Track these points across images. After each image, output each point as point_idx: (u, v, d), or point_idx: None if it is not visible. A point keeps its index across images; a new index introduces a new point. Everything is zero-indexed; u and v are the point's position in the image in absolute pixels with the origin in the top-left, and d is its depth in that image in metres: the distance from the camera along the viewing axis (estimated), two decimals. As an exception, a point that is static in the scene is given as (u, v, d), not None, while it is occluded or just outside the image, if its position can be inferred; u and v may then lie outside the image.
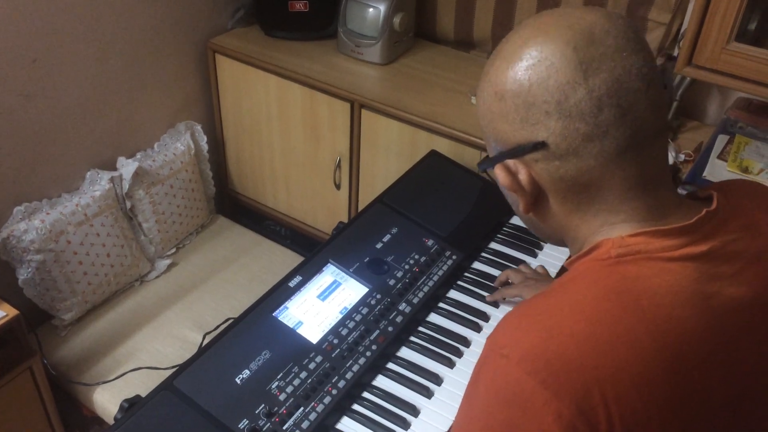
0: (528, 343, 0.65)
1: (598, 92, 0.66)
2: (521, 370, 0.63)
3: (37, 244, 1.63)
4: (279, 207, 2.23)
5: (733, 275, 0.69)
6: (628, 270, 0.68)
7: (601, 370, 0.62)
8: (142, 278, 1.92)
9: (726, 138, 1.58)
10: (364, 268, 1.38)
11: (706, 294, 0.67)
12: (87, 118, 1.82)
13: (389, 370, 1.25)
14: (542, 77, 0.67)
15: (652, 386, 0.63)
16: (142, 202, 1.88)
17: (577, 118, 0.67)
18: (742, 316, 0.69)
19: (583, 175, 0.69)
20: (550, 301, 0.69)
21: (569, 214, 0.74)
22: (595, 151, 0.68)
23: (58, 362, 1.67)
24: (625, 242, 0.69)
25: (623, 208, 0.71)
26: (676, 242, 0.68)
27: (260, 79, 1.98)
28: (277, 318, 1.27)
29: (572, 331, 0.64)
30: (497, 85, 0.71)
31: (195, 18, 2.02)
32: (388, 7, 1.88)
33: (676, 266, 0.67)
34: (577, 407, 0.62)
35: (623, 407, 0.62)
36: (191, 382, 1.15)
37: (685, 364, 0.65)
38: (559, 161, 0.69)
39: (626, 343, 0.63)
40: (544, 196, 0.74)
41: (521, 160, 0.71)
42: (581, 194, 0.71)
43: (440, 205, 1.56)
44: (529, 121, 0.69)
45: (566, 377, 0.62)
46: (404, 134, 1.79)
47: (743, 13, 1.34)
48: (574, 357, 0.63)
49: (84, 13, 1.71)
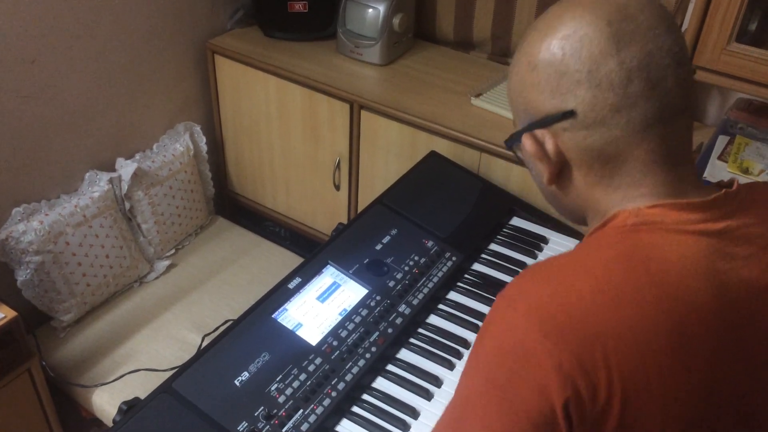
0: (535, 297, 0.67)
1: (629, 64, 0.68)
2: (527, 321, 0.65)
3: (36, 246, 1.62)
4: (278, 208, 2.23)
5: (749, 257, 0.70)
6: (642, 238, 0.69)
7: (605, 327, 0.64)
8: (141, 279, 1.91)
9: (726, 139, 1.58)
10: (364, 269, 1.38)
11: (719, 270, 0.68)
12: (86, 119, 1.81)
13: (389, 372, 1.24)
14: (576, 48, 0.70)
15: (654, 348, 0.64)
16: (141, 203, 1.88)
17: (607, 88, 0.69)
18: (754, 299, 0.69)
19: (609, 146, 0.71)
20: (563, 261, 0.71)
21: (592, 186, 0.75)
22: (623, 122, 0.69)
23: (57, 364, 1.67)
24: (642, 213, 0.71)
25: (645, 181, 0.72)
26: (693, 217, 0.70)
27: (259, 80, 1.97)
28: (277, 320, 1.26)
29: (579, 289, 0.66)
30: (531, 56, 0.73)
31: (194, 19, 2.02)
32: (387, 8, 1.88)
33: (691, 239, 0.69)
34: (577, 360, 0.63)
35: (624, 365, 0.63)
36: (190, 385, 1.14)
37: (690, 333, 0.66)
38: (587, 131, 0.71)
39: (632, 303, 0.65)
40: (568, 168, 0.75)
41: (549, 129, 0.73)
42: (605, 166, 0.73)
43: (440, 206, 1.56)
44: (560, 91, 0.71)
45: (570, 330, 0.64)
46: (404, 135, 1.78)
47: (744, 13, 1.33)
48: (578, 312, 0.64)
49: (83, 14, 1.70)
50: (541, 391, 0.64)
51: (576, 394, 0.63)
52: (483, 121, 1.72)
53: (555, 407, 0.63)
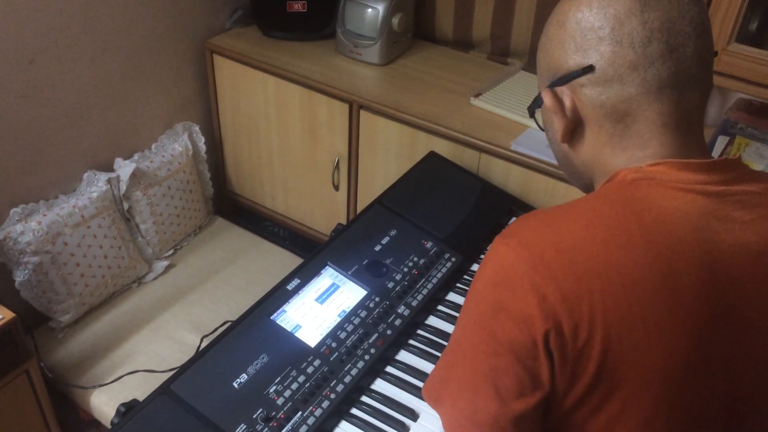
0: (528, 234, 0.71)
1: (651, 25, 0.71)
2: (516, 254, 0.69)
3: (34, 246, 1.62)
4: (277, 208, 2.22)
5: (746, 223, 0.71)
6: (639, 190, 0.72)
7: (591, 264, 0.66)
8: (139, 280, 1.91)
9: (726, 139, 1.58)
10: (363, 270, 1.37)
11: (713, 228, 0.70)
12: (84, 119, 1.81)
13: (388, 374, 1.24)
14: (603, 5, 0.72)
15: (640, 289, 0.66)
16: (139, 203, 1.87)
17: (628, 45, 0.71)
18: (746, 261, 0.71)
19: (622, 103, 0.73)
20: (558, 208, 0.74)
21: (601, 146, 0.77)
22: (638, 80, 0.72)
23: (55, 365, 1.67)
24: (643, 170, 0.73)
25: (651, 143, 0.74)
26: (693, 177, 0.71)
27: (258, 80, 1.97)
28: (275, 321, 1.26)
29: (570, 229, 0.69)
30: (561, 14, 0.77)
31: (193, 18, 2.01)
32: (386, 8, 1.87)
33: (689, 196, 0.71)
34: (561, 294, 0.65)
35: (608, 305, 0.65)
36: (189, 387, 1.14)
37: (677, 282, 0.67)
38: (602, 87, 0.73)
39: (621, 245, 0.67)
40: (581, 127, 0.78)
41: (569, 86, 0.76)
42: (616, 125, 0.75)
43: (439, 206, 1.55)
44: (583, 46, 0.74)
45: (557, 266, 0.67)
46: (403, 135, 1.78)
47: (744, 14, 1.33)
48: (567, 250, 0.68)
49: (81, 14, 1.70)
50: (523, 321, 0.67)
51: (557, 328, 0.65)
52: (482, 122, 1.71)
53: (536, 339, 0.66)
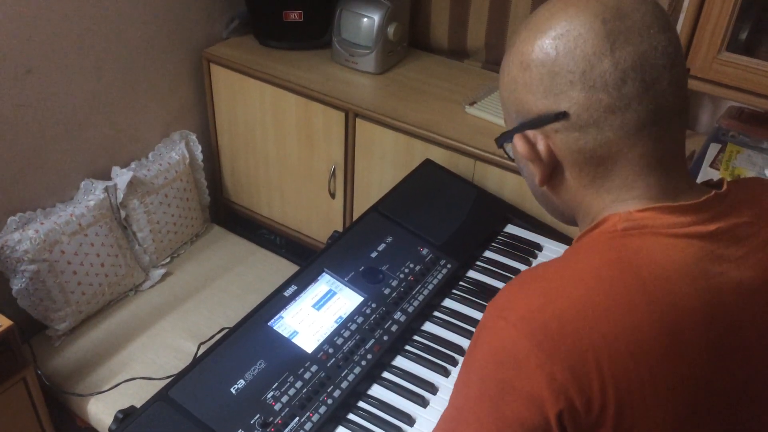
0: (526, 306, 0.66)
1: (624, 65, 0.66)
2: (518, 331, 0.64)
3: (31, 254, 1.62)
4: (274, 216, 2.23)
5: (740, 258, 0.69)
6: (633, 242, 0.68)
7: (597, 335, 0.63)
8: (136, 288, 1.91)
9: (718, 146, 1.59)
10: (359, 277, 1.38)
11: (710, 273, 0.67)
12: (81, 127, 1.82)
13: (384, 380, 1.25)
14: (569, 47, 0.68)
15: (646, 354, 0.63)
16: (136, 211, 1.88)
17: (601, 89, 0.67)
18: (746, 299, 0.69)
19: (602, 148, 0.69)
20: (553, 269, 0.70)
21: (583, 188, 0.74)
22: (616, 124, 0.68)
23: (52, 373, 1.67)
24: (633, 216, 0.70)
25: (637, 184, 0.71)
26: (683, 220, 0.69)
27: (255, 89, 1.98)
28: (273, 327, 1.27)
29: (570, 297, 0.65)
30: (523, 55, 0.72)
31: (190, 28, 2.03)
32: (382, 17, 1.89)
33: (681, 243, 0.68)
34: (570, 371, 0.62)
35: (617, 373, 0.62)
36: (186, 393, 1.14)
37: (681, 338, 0.65)
38: (579, 132, 0.69)
39: (623, 311, 0.64)
40: (560, 169, 0.74)
41: (541, 130, 0.72)
42: (597, 167, 0.71)
43: (435, 213, 1.57)
44: (553, 91, 0.69)
45: (562, 340, 0.63)
46: (399, 143, 1.79)
47: (734, 23, 1.35)
48: (570, 321, 0.63)
49: (78, 23, 1.71)
50: (534, 402, 0.63)
51: (570, 405, 0.62)
52: (477, 129, 1.73)
53: (549, 419, 0.63)
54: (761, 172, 1.51)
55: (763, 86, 1.38)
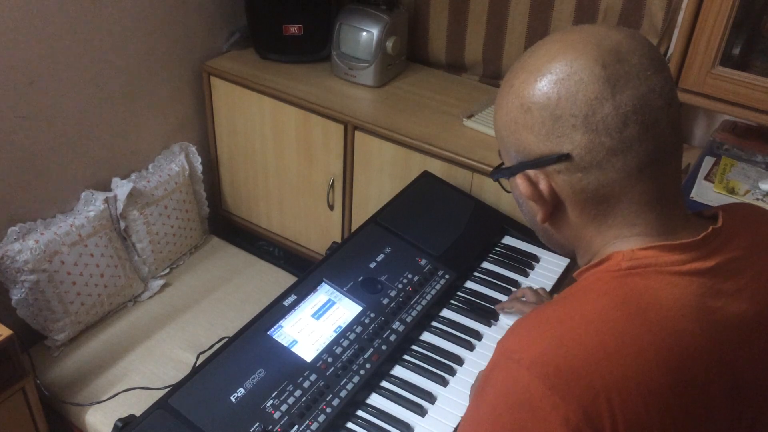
0: (539, 349, 0.66)
1: (625, 108, 0.68)
2: (531, 374, 0.65)
3: (31, 265, 1.63)
4: (272, 227, 2.24)
5: (736, 292, 0.71)
6: (637, 282, 0.70)
7: (608, 378, 0.64)
8: (135, 298, 1.92)
9: (712, 160, 1.61)
10: (358, 287, 1.39)
11: (710, 309, 0.69)
12: (82, 139, 1.83)
13: (383, 389, 1.25)
14: (571, 92, 0.69)
15: (656, 395, 0.65)
16: (136, 222, 1.89)
17: (603, 132, 0.69)
18: (743, 332, 0.71)
19: (604, 188, 0.71)
20: (561, 310, 0.71)
21: (585, 225, 0.76)
22: (618, 165, 0.70)
23: (51, 383, 1.67)
24: (636, 255, 0.71)
25: (638, 221, 0.73)
26: (684, 257, 0.70)
27: (255, 101, 2.00)
28: (272, 336, 1.27)
29: (581, 340, 0.66)
30: (524, 98, 0.73)
31: (190, 41, 2.05)
32: (381, 31, 1.91)
33: (684, 280, 0.69)
34: (584, 413, 0.63)
35: (628, 414, 0.64)
36: (186, 401, 1.15)
37: (687, 376, 0.66)
38: (582, 173, 0.71)
39: (632, 353, 0.65)
40: (562, 207, 0.76)
41: (543, 170, 0.73)
42: (599, 206, 0.73)
43: (433, 225, 1.58)
44: (555, 134, 0.71)
45: (575, 383, 0.64)
46: (397, 155, 1.81)
47: (727, 38, 1.38)
48: (582, 364, 0.65)
49: (80, 36, 1.73)
50: None
51: None
52: (475, 142, 1.75)
53: None
54: (755, 185, 1.53)
55: (756, 100, 1.40)
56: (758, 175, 1.57)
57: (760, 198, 1.50)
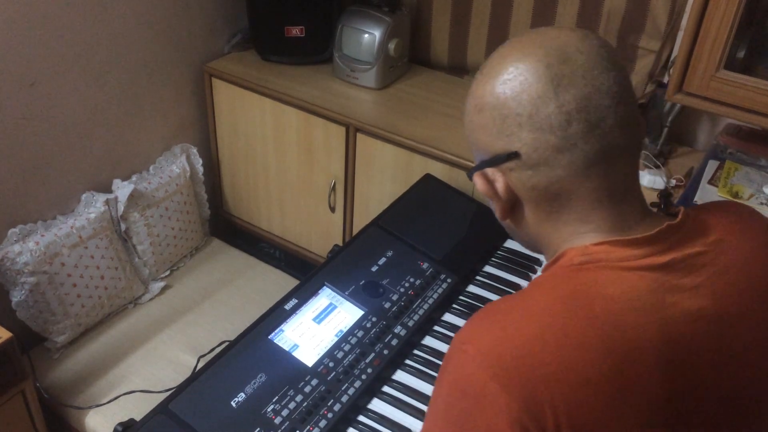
0: (485, 340, 0.69)
1: (568, 107, 0.70)
2: (476, 364, 0.67)
3: (31, 266, 1.63)
4: (273, 229, 2.24)
5: (695, 287, 0.71)
6: (587, 276, 0.72)
7: (548, 369, 0.65)
8: (135, 301, 1.91)
9: (716, 164, 1.61)
10: (360, 291, 1.39)
11: (663, 304, 0.70)
12: (83, 140, 1.83)
13: (385, 394, 1.25)
14: (516, 91, 0.72)
15: (598, 386, 0.66)
16: (137, 224, 1.88)
17: (547, 130, 0.71)
18: (703, 328, 0.71)
19: (553, 185, 0.73)
20: (511, 303, 0.73)
21: (542, 222, 0.78)
22: (564, 162, 0.72)
23: (51, 385, 1.66)
24: (588, 251, 0.73)
25: (591, 218, 0.74)
26: (637, 252, 0.72)
27: (256, 103, 2.00)
28: (273, 341, 1.27)
29: (525, 331, 0.68)
30: (477, 99, 0.76)
31: (192, 42, 2.04)
32: (383, 33, 1.91)
33: (634, 275, 0.70)
34: (524, 402, 0.65)
35: (570, 404, 0.65)
36: (187, 406, 1.14)
37: (634, 369, 0.67)
38: (531, 171, 0.73)
39: (574, 344, 0.66)
40: (519, 204, 0.78)
41: (499, 168, 0.76)
42: (552, 203, 0.75)
43: (435, 228, 1.57)
44: (504, 132, 0.73)
45: (516, 373, 0.66)
46: (399, 158, 1.80)
47: (732, 41, 1.37)
48: (523, 355, 0.66)
49: (82, 37, 1.72)
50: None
51: None
52: (477, 145, 1.74)
53: None
54: (759, 189, 1.52)
55: (760, 104, 1.39)
56: (762, 179, 1.56)
57: (765, 202, 1.50)
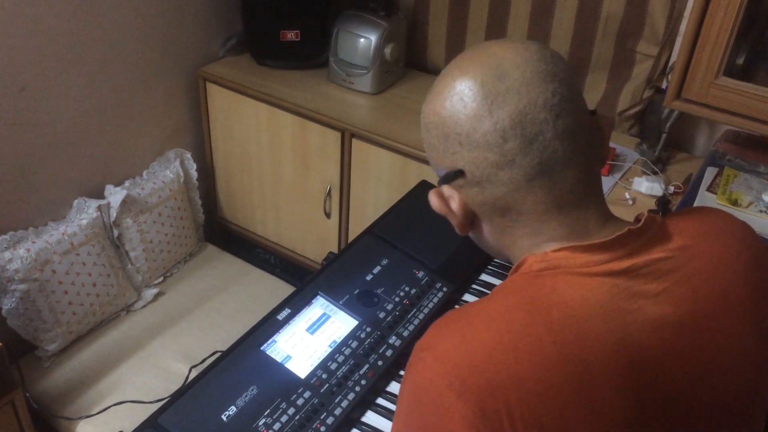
0: (442, 347, 0.69)
1: (502, 124, 0.69)
2: (433, 371, 0.67)
3: (22, 274, 1.61)
4: (268, 235, 2.22)
5: (659, 294, 0.70)
6: (545, 283, 0.71)
7: (505, 375, 0.65)
8: (128, 308, 1.89)
9: (715, 170, 1.59)
10: (354, 300, 1.36)
11: (624, 310, 0.69)
12: (75, 146, 1.81)
13: (379, 406, 1.23)
14: (454, 111, 0.72)
15: (555, 392, 0.65)
16: (129, 230, 1.86)
17: (485, 148, 0.71)
18: (667, 334, 0.69)
19: (499, 201, 0.73)
20: (471, 310, 0.73)
21: (500, 235, 0.78)
22: (505, 179, 0.71)
23: (41, 395, 1.64)
24: (547, 257, 0.73)
25: (543, 229, 0.74)
26: (596, 258, 0.71)
27: (251, 108, 1.98)
28: (265, 352, 1.24)
29: (481, 338, 0.68)
30: (424, 117, 0.77)
31: (186, 46, 2.02)
32: (379, 38, 1.89)
33: (594, 281, 0.70)
34: (480, 409, 0.64)
35: (526, 411, 0.64)
36: (176, 420, 1.12)
37: (593, 376, 0.66)
38: (478, 187, 0.74)
39: (531, 351, 0.66)
40: (477, 220, 0.79)
41: (452, 185, 0.76)
42: (504, 217, 0.75)
43: (431, 236, 1.55)
44: (449, 151, 0.74)
45: (471, 380, 0.65)
46: (395, 164, 1.79)
47: (731, 48, 1.35)
48: (479, 362, 0.66)
49: (73, 42, 1.70)
50: None
51: None
52: (474, 151, 1.72)
53: None
54: (758, 196, 1.51)
55: (759, 111, 1.38)
56: (761, 186, 1.54)
57: (764, 210, 1.48)
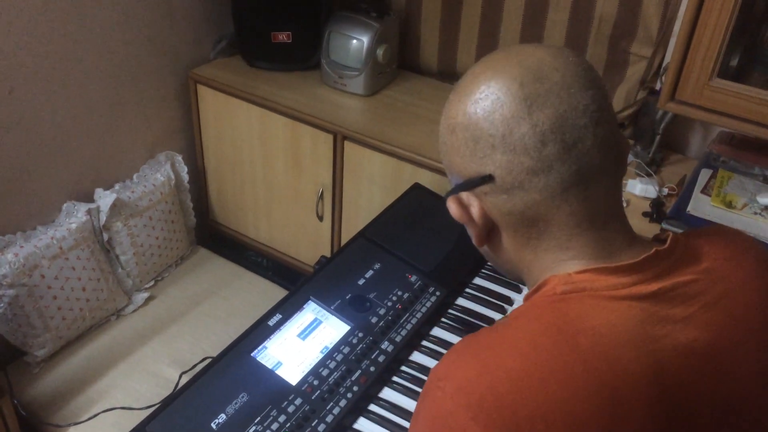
0: (463, 377, 0.65)
1: (542, 127, 0.66)
2: (455, 403, 0.63)
3: (10, 279, 1.58)
4: (260, 238, 2.20)
5: (686, 318, 0.67)
6: (571, 307, 0.67)
7: (533, 406, 0.61)
8: (118, 312, 1.87)
9: (709, 172, 1.58)
10: (346, 305, 1.35)
11: (653, 337, 0.66)
12: (64, 149, 1.78)
13: (371, 413, 1.21)
14: (488, 111, 0.68)
15: (585, 424, 0.62)
16: (119, 234, 1.84)
17: (521, 152, 0.67)
18: (695, 361, 0.67)
19: (530, 209, 0.70)
20: (492, 336, 0.69)
21: (521, 249, 0.74)
22: (540, 186, 0.68)
23: (30, 401, 1.62)
24: (572, 279, 0.69)
25: (571, 244, 0.70)
26: (623, 281, 0.68)
27: (242, 110, 1.96)
28: (256, 358, 1.23)
29: (506, 367, 0.64)
30: (449, 119, 0.73)
31: (176, 48, 2.00)
32: (371, 39, 1.88)
33: (621, 305, 0.66)
34: None
35: None
36: (166, 427, 1.10)
37: (624, 407, 0.63)
38: (506, 195, 0.70)
39: (560, 380, 0.62)
40: (497, 230, 0.74)
41: (473, 192, 0.72)
42: (530, 229, 0.71)
43: (424, 239, 1.54)
44: (477, 155, 0.70)
45: (497, 413, 0.61)
46: (387, 166, 1.77)
47: (725, 49, 1.34)
48: (505, 393, 0.62)
49: (62, 43, 1.68)
50: None
51: None
52: (467, 153, 1.71)
53: None
54: (753, 198, 1.50)
55: (753, 113, 1.37)
56: (756, 188, 1.54)
57: (759, 212, 1.47)
